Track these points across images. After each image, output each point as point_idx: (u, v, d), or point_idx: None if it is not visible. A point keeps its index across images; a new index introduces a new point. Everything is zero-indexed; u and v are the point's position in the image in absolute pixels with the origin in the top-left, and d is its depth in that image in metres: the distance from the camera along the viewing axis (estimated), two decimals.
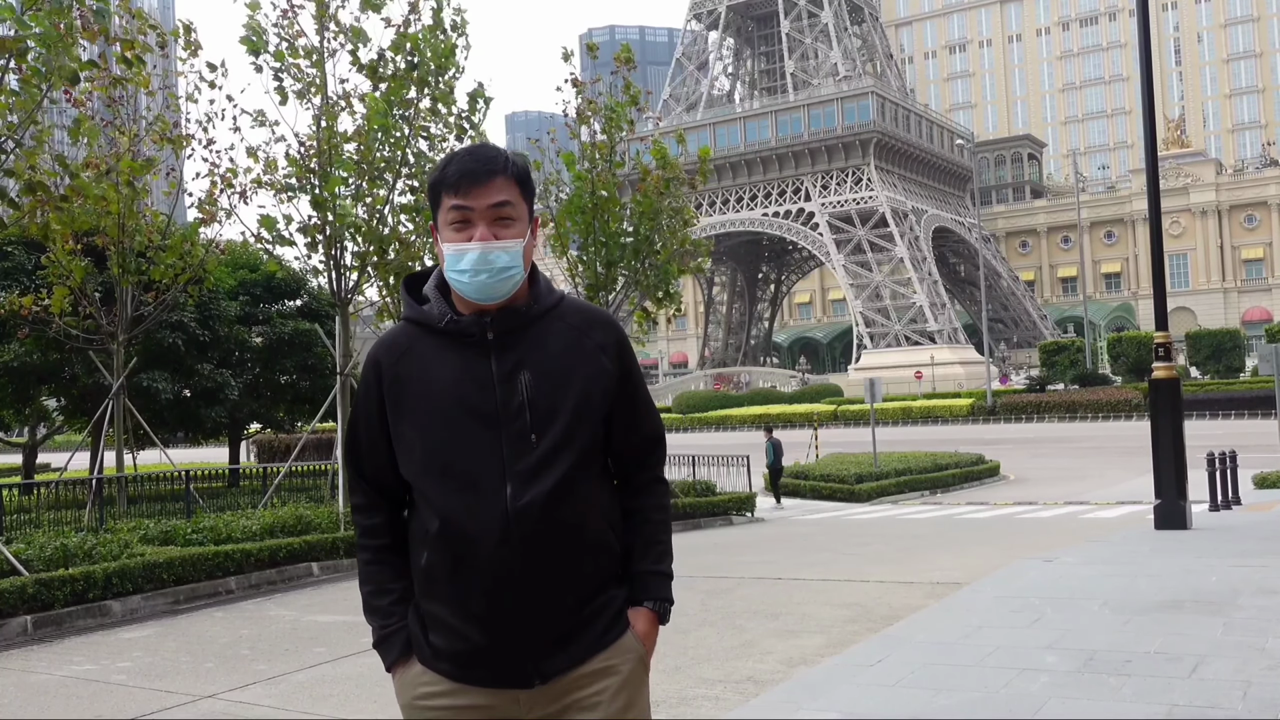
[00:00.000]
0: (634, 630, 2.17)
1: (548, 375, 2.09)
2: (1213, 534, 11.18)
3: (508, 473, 2.04)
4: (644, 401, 2.26)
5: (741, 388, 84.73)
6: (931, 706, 4.88)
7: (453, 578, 2.06)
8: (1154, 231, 12.28)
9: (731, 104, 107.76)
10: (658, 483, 2.30)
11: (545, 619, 2.05)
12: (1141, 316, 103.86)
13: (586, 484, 2.11)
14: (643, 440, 2.26)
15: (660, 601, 2.22)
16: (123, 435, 15.84)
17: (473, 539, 2.03)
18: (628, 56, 17.00)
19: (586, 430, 2.11)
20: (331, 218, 13.38)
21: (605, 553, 2.15)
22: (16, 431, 29.41)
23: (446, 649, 2.08)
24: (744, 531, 16.45)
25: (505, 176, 2.10)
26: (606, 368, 2.15)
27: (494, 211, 2.09)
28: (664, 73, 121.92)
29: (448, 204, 2.10)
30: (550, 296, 2.18)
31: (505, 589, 2.03)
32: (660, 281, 17.75)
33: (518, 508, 2.02)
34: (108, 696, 6.40)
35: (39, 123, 11.04)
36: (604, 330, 2.19)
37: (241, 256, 22.79)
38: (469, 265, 2.07)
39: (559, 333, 2.14)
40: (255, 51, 13.19)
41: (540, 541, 2.03)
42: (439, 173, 2.12)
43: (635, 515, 2.24)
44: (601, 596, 2.13)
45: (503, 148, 2.19)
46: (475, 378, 2.08)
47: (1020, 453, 34.19)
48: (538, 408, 2.07)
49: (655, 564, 2.23)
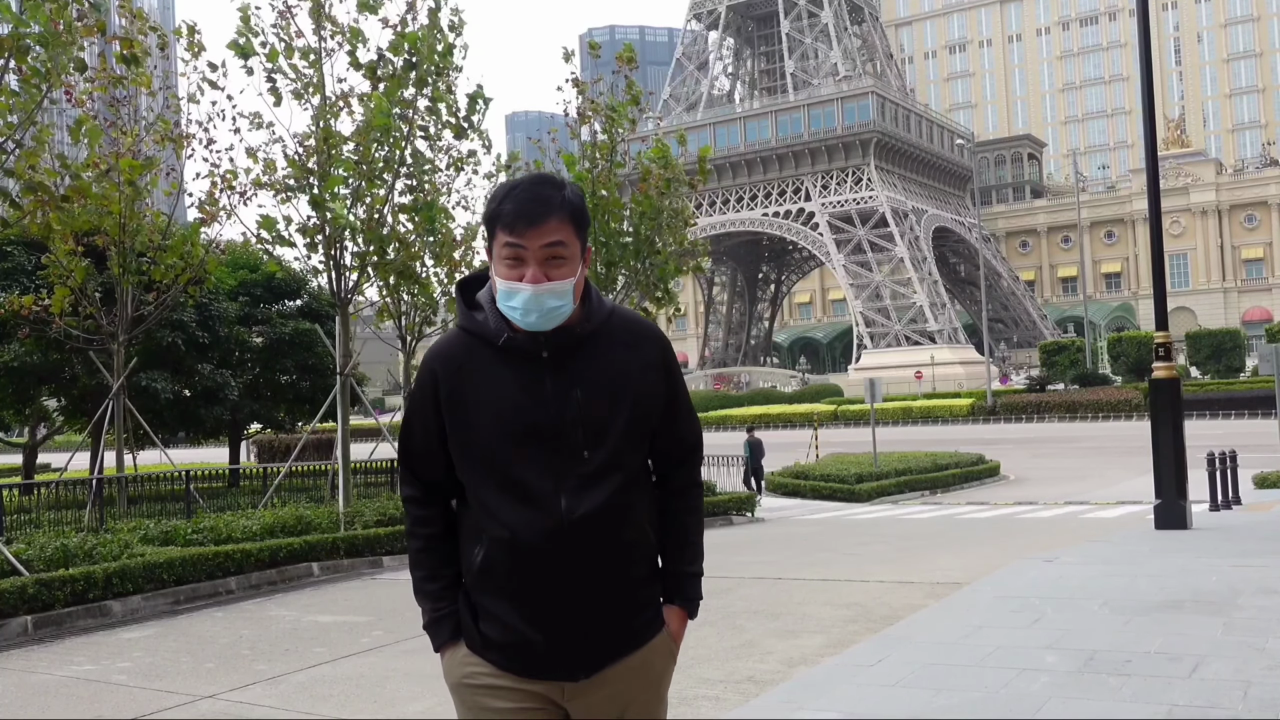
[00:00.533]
0: (668, 628, 2.32)
1: (599, 393, 2.20)
2: (1213, 534, 11.18)
3: (562, 486, 2.15)
4: (685, 409, 2.37)
5: (741, 388, 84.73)
6: (931, 706, 4.88)
7: (509, 579, 2.18)
8: (1154, 231, 12.27)
9: (731, 104, 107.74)
10: (694, 485, 2.42)
11: (595, 620, 2.19)
12: (1141, 316, 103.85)
13: (634, 492, 2.24)
14: (682, 446, 2.38)
15: (690, 600, 2.38)
16: (123, 435, 15.84)
17: (530, 547, 2.15)
18: (630, 56, 17.01)
19: (635, 444, 2.24)
20: (331, 218, 13.38)
21: (647, 556, 2.30)
22: (16, 432, 29.42)
23: (498, 640, 2.21)
24: (744, 531, 16.45)
25: (559, 216, 2.16)
26: (655, 383, 2.27)
27: (546, 251, 2.15)
28: (664, 73, 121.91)
29: (502, 239, 2.16)
30: (601, 311, 2.26)
31: (559, 593, 2.16)
32: (660, 281, 17.75)
33: (572, 520, 2.14)
34: (108, 696, 6.40)
35: (39, 123, 11.04)
36: (652, 344, 2.29)
37: (242, 257, 22.79)
38: (520, 304, 2.15)
39: (610, 351, 2.24)
40: (244, 55, 13.20)
41: (592, 550, 2.16)
42: (495, 206, 2.18)
43: (670, 516, 2.37)
44: (644, 592, 2.29)
45: (558, 177, 2.25)
46: (531, 393, 2.18)
47: (1020, 453, 34.19)
48: (590, 424, 2.17)
49: (688, 564, 2.37)
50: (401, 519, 12.90)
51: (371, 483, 18.97)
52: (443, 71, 13.98)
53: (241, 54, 13.19)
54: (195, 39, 14.34)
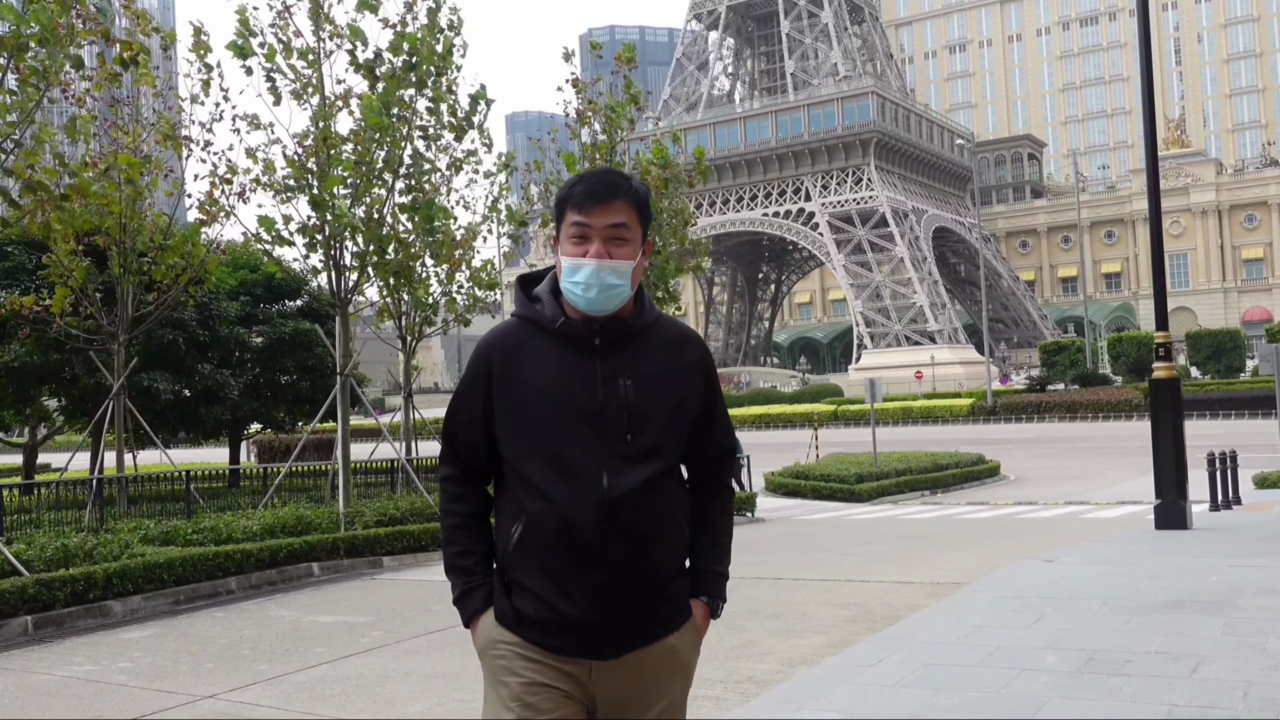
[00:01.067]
0: (693, 621, 2.41)
1: (646, 383, 2.31)
2: (1213, 534, 11.18)
3: (604, 465, 2.25)
4: (722, 415, 2.50)
5: (742, 388, 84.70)
6: (932, 707, 4.88)
7: (548, 552, 2.26)
8: (1154, 231, 12.27)
9: (731, 104, 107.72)
10: (725, 490, 2.53)
11: (630, 598, 2.27)
12: (1142, 316, 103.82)
13: (669, 482, 2.34)
14: (717, 452, 2.49)
15: (715, 598, 2.46)
16: (123, 435, 15.84)
17: (572, 521, 2.23)
18: (629, 56, 17.00)
19: (674, 437, 2.35)
20: (330, 218, 13.37)
21: (680, 545, 2.39)
22: (17, 432, 29.41)
23: (533, 616, 2.28)
24: (744, 531, 16.45)
25: (625, 200, 2.32)
26: (697, 383, 2.40)
27: (611, 231, 2.30)
28: (664, 73, 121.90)
29: (570, 219, 2.32)
30: (651, 313, 2.40)
31: (598, 568, 2.24)
32: (659, 281, 17.74)
33: (614, 497, 2.24)
34: (108, 697, 6.40)
35: (38, 122, 11.04)
36: (695, 349, 2.43)
37: (242, 257, 22.78)
38: (582, 279, 2.28)
39: (658, 347, 2.37)
40: (243, 55, 13.20)
41: (631, 528, 2.25)
42: (566, 190, 2.34)
43: (702, 517, 2.46)
44: (675, 583, 2.37)
45: (629, 174, 2.42)
46: (581, 377, 2.29)
47: (1020, 453, 34.18)
48: (635, 411, 2.29)
49: (714, 563, 2.47)
50: (402, 519, 13.03)
51: (372, 483, 18.96)
52: (443, 71, 13.98)
53: (240, 54, 13.19)
54: (202, 39, 14.31)
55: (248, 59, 13.22)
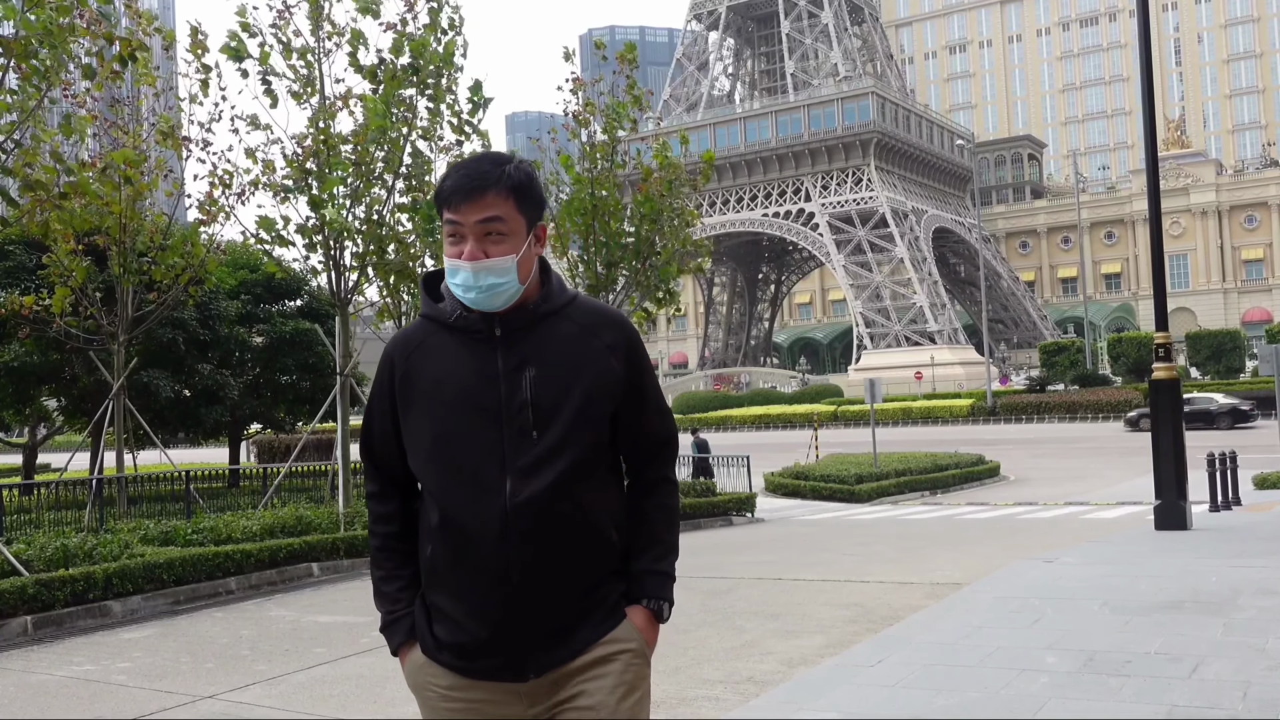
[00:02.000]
0: (633, 626, 2.18)
1: (551, 373, 2.11)
2: (1213, 534, 11.18)
3: (508, 468, 2.07)
4: (653, 403, 2.27)
5: (742, 388, 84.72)
6: (931, 707, 4.88)
7: (454, 570, 2.10)
8: (1154, 232, 12.28)
9: (732, 104, 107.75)
10: (664, 482, 2.31)
11: (543, 613, 2.08)
12: (1141, 317, 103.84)
13: (587, 481, 2.13)
14: (650, 442, 2.28)
15: (656, 600, 2.22)
16: (123, 435, 15.84)
17: (473, 533, 2.06)
18: (631, 56, 16.99)
19: (588, 429, 2.12)
20: (329, 215, 13.37)
21: (604, 548, 2.16)
22: (16, 432, 29.41)
23: (449, 641, 2.12)
24: (744, 532, 16.45)
25: (497, 191, 2.10)
26: (613, 368, 2.16)
27: (482, 228, 2.10)
28: (664, 73, 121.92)
29: (445, 217, 2.13)
30: (561, 296, 2.20)
31: (504, 583, 2.06)
32: (660, 282, 17.75)
33: (516, 503, 2.05)
34: (108, 697, 6.40)
35: (40, 121, 11.03)
36: (614, 330, 2.20)
37: (242, 257, 22.79)
38: (461, 281, 2.11)
39: (566, 332, 2.16)
40: (238, 57, 13.19)
41: (538, 537, 2.06)
42: (440, 185, 2.15)
43: (637, 513, 2.26)
44: (599, 590, 2.15)
45: (507, 155, 2.19)
46: (481, 373, 2.11)
47: (1020, 453, 34.18)
48: (540, 406, 2.09)
49: (653, 562, 2.23)
50: None
51: None
52: (444, 72, 13.97)
53: (235, 57, 13.18)
54: (200, 39, 14.31)
55: (242, 61, 13.21)
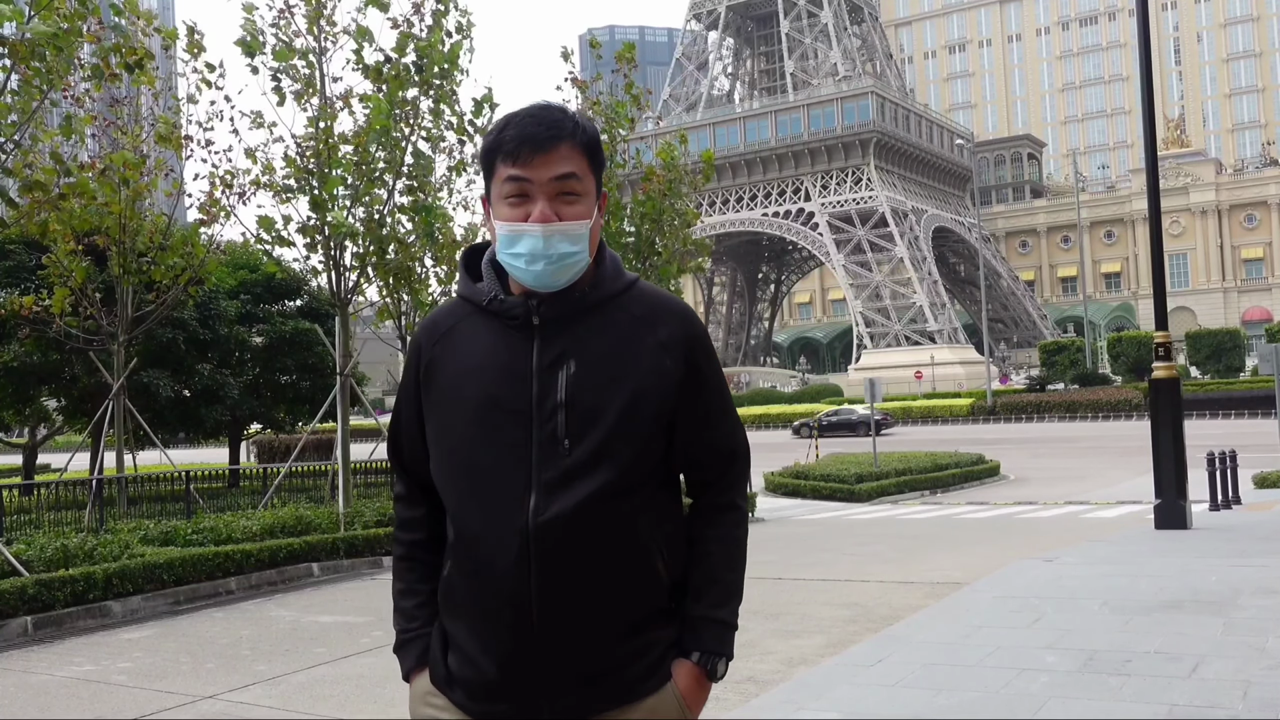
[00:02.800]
0: (674, 685, 1.81)
1: (593, 371, 1.78)
2: (1213, 534, 11.18)
3: (534, 482, 1.75)
4: (717, 409, 1.90)
5: (741, 388, 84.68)
6: (931, 706, 4.88)
7: (469, 596, 1.80)
8: (1154, 231, 12.27)
9: (731, 104, 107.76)
10: (731, 509, 1.93)
11: (565, 654, 1.75)
12: (1141, 316, 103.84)
13: (628, 500, 1.78)
14: (715, 455, 1.91)
15: (712, 656, 1.84)
16: (123, 436, 15.84)
17: (487, 555, 1.76)
18: (630, 56, 17.00)
19: (634, 439, 1.78)
20: (331, 219, 13.37)
21: (646, 582, 1.81)
22: (17, 432, 29.41)
23: (460, 676, 1.82)
24: None
25: (573, 143, 1.79)
26: (668, 368, 1.81)
27: (557, 185, 1.77)
28: (664, 73, 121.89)
29: (503, 174, 1.78)
30: (616, 281, 1.86)
31: (520, 616, 1.74)
32: (661, 282, 17.76)
33: (539, 523, 1.73)
34: (108, 697, 6.40)
35: (40, 122, 11.04)
36: (674, 323, 1.85)
37: (241, 257, 22.79)
38: (525, 250, 1.77)
39: (618, 324, 1.82)
40: (251, 53, 13.18)
41: (564, 563, 1.74)
42: (494, 136, 1.80)
43: (696, 546, 1.89)
44: (641, 637, 1.80)
45: (570, 110, 1.86)
46: (512, 368, 1.79)
47: (1020, 453, 34.17)
48: (575, 408, 1.76)
49: (712, 608, 1.86)
50: None
51: (371, 483, 18.95)
52: (448, 74, 13.96)
53: (248, 51, 13.16)
54: (195, 39, 14.33)
55: (254, 57, 13.21)
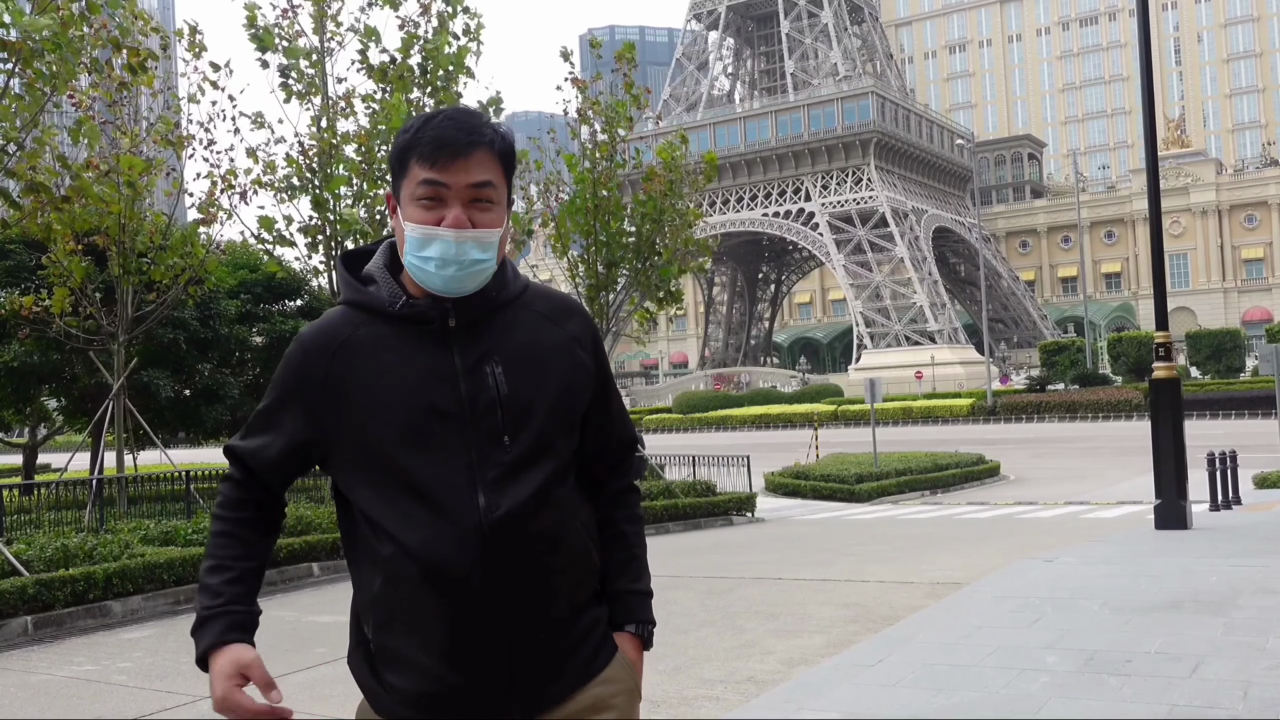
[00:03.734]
0: (623, 655, 1.93)
1: (520, 367, 1.82)
2: (1213, 534, 11.18)
3: (478, 481, 1.76)
4: (617, 401, 2.04)
5: (742, 388, 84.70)
6: (931, 706, 4.88)
7: (418, 606, 1.76)
8: (1154, 231, 12.28)
9: (731, 104, 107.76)
10: (632, 491, 2.06)
11: (529, 647, 1.79)
12: (1142, 316, 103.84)
13: (564, 492, 1.86)
14: (618, 444, 2.03)
15: (643, 624, 1.99)
16: (123, 435, 15.83)
17: (441, 560, 1.74)
18: (630, 56, 17.01)
19: (564, 429, 1.86)
20: (334, 218, 13.39)
21: (588, 569, 1.90)
22: (17, 432, 29.41)
23: (412, 690, 1.78)
24: (744, 531, 16.45)
25: (489, 151, 1.81)
26: (583, 361, 1.90)
27: (473, 192, 1.79)
28: (664, 73, 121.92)
29: (418, 175, 1.79)
30: (516, 283, 1.91)
31: (482, 615, 1.76)
32: (662, 282, 17.77)
33: (493, 520, 1.75)
34: (109, 697, 6.40)
35: (41, 124, 11.04)
36: (578, 320, 1.94)
37: (242, 256, 22.79)
38: (437, 254, 1.78)
39: (529, 322, 1.88)
40: (264, 48, 13.18)
41: (520, 558, 1.77)
42: (410, 135, 1.81)
43: (609, 527, 1.99)
44: (586, 617, 1.88)
45: (483, 114, 1.89)
46: (435, 371, 1.79)
47: (1020, 453, 34.18)
48: (510, 404, 1.79)
49: (633, 582, 1.99)
50: None
51: None
52: (453, 76, 13.98)
53: (261, 46, 13.16)
54: (197, 39, 14.34)
55: (266, 53, 13.21)
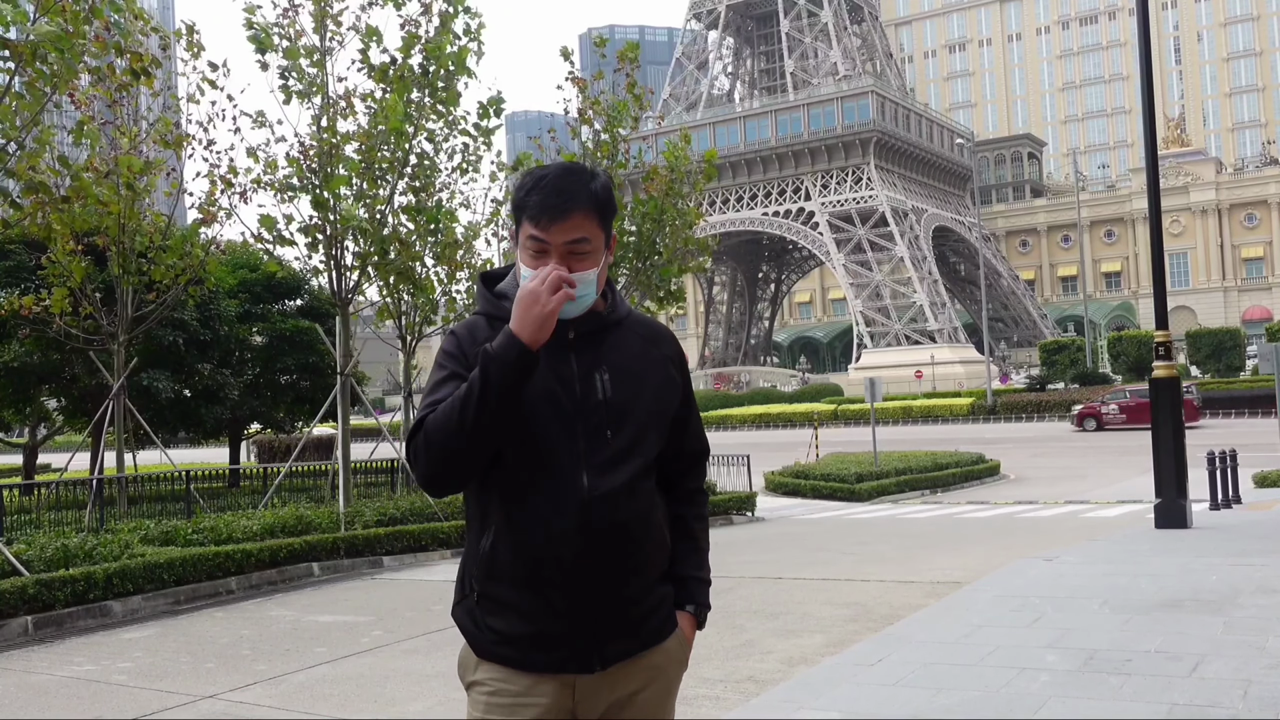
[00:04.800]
0: (680, 630, 2.31)
1: (623, 377, 2.20)
2: (1213, 533, 11.18)
3: (584, 464, 2.13)
4: (696, 414, 2.41)
5: (742, 387, 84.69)
6: (931, 706, 4.88)
7: (524, 560, 2.12)
8: (1154, 230, 12.28)
9: (731, 103, 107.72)
10: (701, 492, 2.45)
11: (614, 604, 2.15)
12: (1142, 315, 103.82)
13: (648, 484, 2.23)
14: (692, 453, 2.41)
15: (700, 606, 2.36)
16: (123, 435, 15.84)
17: (552, 526, 2.10)
18: (633, 56, 16.98)
19: (655, 434, 2.23)
20: (334, 218, 13.38)
21: (662, 550, 2.27)
22: (17, 432, 29.42)
23: (509, 632, 2.15)
24: (744, 531, 16.45)
25: (585, 210, 2.14)
26: (674, 378, 2.30)
27: (569, 248, 2.13)
28: (664, 72, 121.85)
29: (527, 230, 2.15)
30: (623, 308, 2.30)
31: (581, 575, 2.11)
32: (663, 282, 17.76)
33: (595, 496, 2.11)
34: (109, 697, 6.40)
35: (41, 123, 11.03)
36: (669, 343, 2.33)
37: (241, 256, 22.78)
38: None
39: (631, 341, 2.26)
40: (263, 49, 13.17)
41: (614, 530, 2.13)
42: (522, 195, 2.16)
43: (679, 522, 2.37)
44: (660, 589, 2.27)
45: (587, 166, 2.22)
46: (557, 373, 2.15)
47: (1020, 452, 34.17)
48: (614, 406, 2.17)
49: (696, 569, 2.37)
50: (401, 519, 13.04)
51: (372, 483, 18.97)
52: (455, 77, 13.95)
53: (260, 48, 13.15)
54: (195, 39, 14.33)
55: (266, 54, 13.19)
